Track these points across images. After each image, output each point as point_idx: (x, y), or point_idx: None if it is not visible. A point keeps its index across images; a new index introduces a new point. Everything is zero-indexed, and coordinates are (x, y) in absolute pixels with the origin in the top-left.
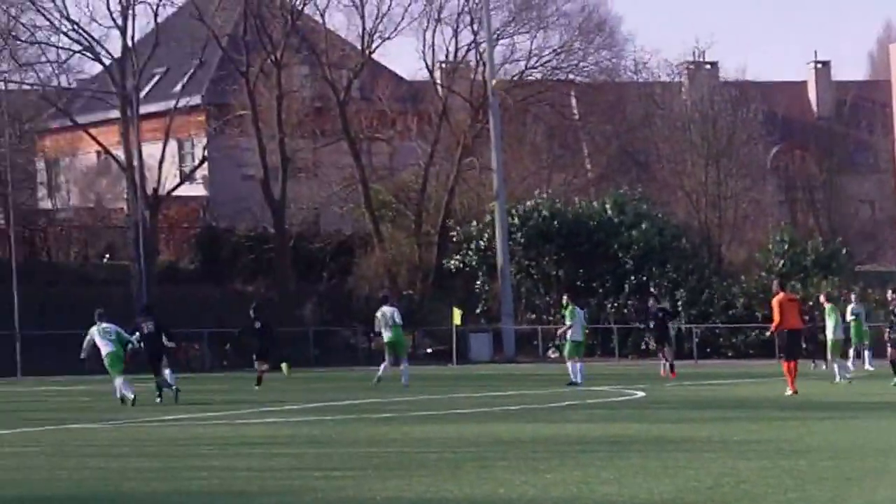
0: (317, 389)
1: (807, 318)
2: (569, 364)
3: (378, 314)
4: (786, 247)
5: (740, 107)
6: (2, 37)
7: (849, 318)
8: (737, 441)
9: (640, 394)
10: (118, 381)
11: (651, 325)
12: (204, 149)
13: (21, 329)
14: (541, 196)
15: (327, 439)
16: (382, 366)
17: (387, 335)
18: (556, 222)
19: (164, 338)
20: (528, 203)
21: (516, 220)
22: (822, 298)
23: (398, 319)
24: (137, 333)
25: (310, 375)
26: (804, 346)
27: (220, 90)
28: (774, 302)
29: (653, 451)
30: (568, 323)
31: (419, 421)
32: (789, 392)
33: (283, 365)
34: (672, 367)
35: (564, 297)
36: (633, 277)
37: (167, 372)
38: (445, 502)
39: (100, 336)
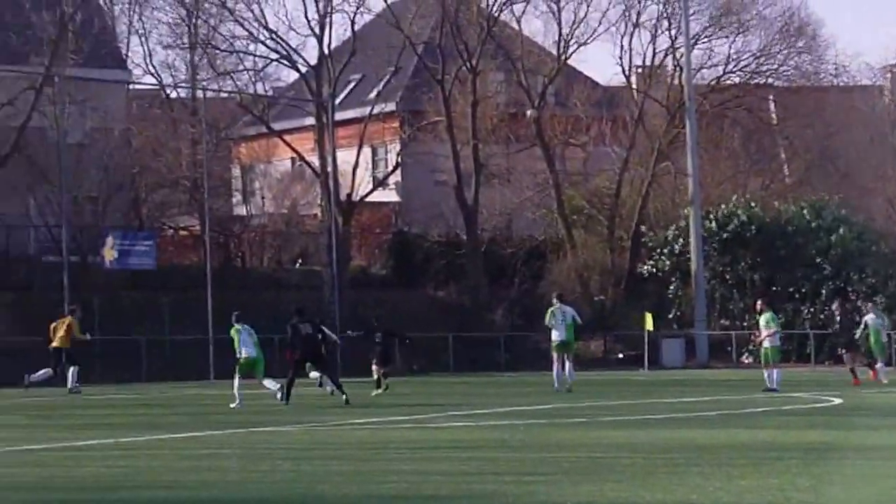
0: (506, 394)
1: None
2: (766, 371)
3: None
4: None
5: None
6: (200, 46)
7: None
8: None
9: (838, 400)
10: (268, 381)
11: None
12: (397, 155)
13: (214, 334)
14: (738, 201)
15: (518, 443)
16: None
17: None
18: (753, 227)
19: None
20: (724, 207)
21: (713, 225)
22: None
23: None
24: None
25: (500, 380)
26: None
27: (414, 97)
28: None
29: (850, 458)
30: (769, 329)
31: (610, 426)
32: None
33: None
34: (854, 373)
35: (759, 303)
36: (830, 283)
37: (314, 374)
38: None
39: (247, 335)
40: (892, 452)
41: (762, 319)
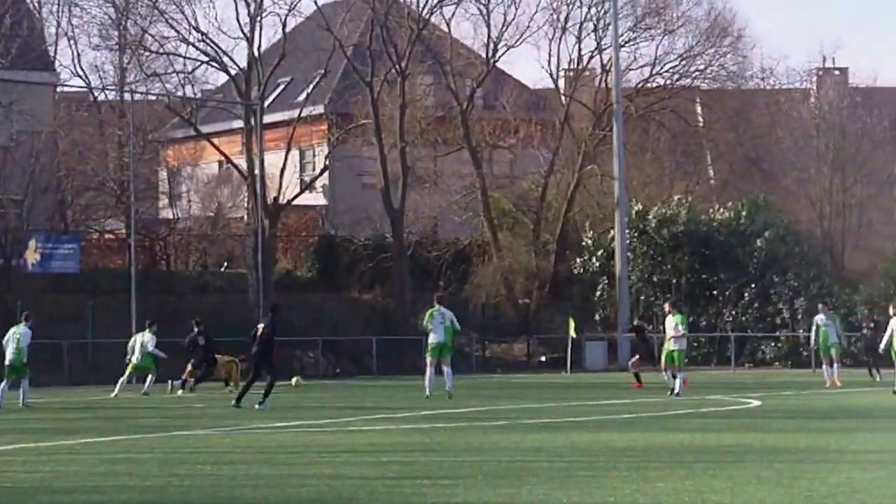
0: (429, 397)
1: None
2: (667, 372)
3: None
4: None
5: (868, 113)
6: (130, 48)
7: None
8: (854, 451)
9: (756, 403)
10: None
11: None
12: (325, 158)
13: None
14: (667, 203)
15: (437, 447)
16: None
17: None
18: (687, 230)
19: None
20: (656, 210)
21: (642, 227)
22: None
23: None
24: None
25: (424, 383)
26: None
27: (343, 100)
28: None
29: (766, 460)
30: (677, 331)
31: (530, 429)
32: None
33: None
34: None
35: (667, 305)
36: (753, 285)
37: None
38: None
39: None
40: (806, 454)
41: (671, 321)
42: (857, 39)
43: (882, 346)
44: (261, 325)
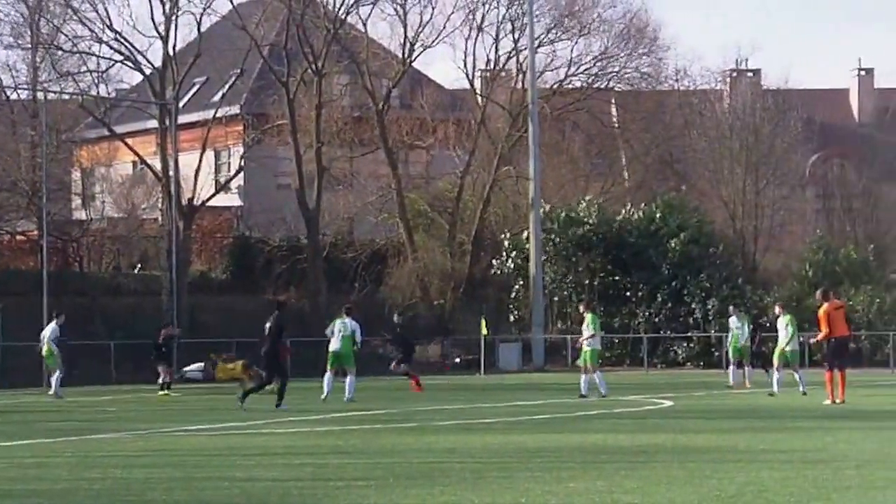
0: (343, 399)
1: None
2: (586, 376)
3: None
4: (818, 255)
5: (781, 115)
6: (43, 47)
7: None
8: (762, 450)
9: (668, 403)
10: None
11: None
12: (241, 159)
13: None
14: (580, 204)
15: (351, 449)
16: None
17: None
18: (599, 231)
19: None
20: (571, 211)
21: (562, 226)
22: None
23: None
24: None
25: (338, 385)
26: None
27: (259, 100)
28: (821, 312)
29: (677, 460)
30: (589, 331)
31: (444, 431)
32: (828, 402)
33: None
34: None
35: (582, 306)
36: (666, 286)
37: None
38: None
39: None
40: (716, 454)
41: (589, 321)
42: (770, 42)
43: (783, 345)
44: (267, 324)
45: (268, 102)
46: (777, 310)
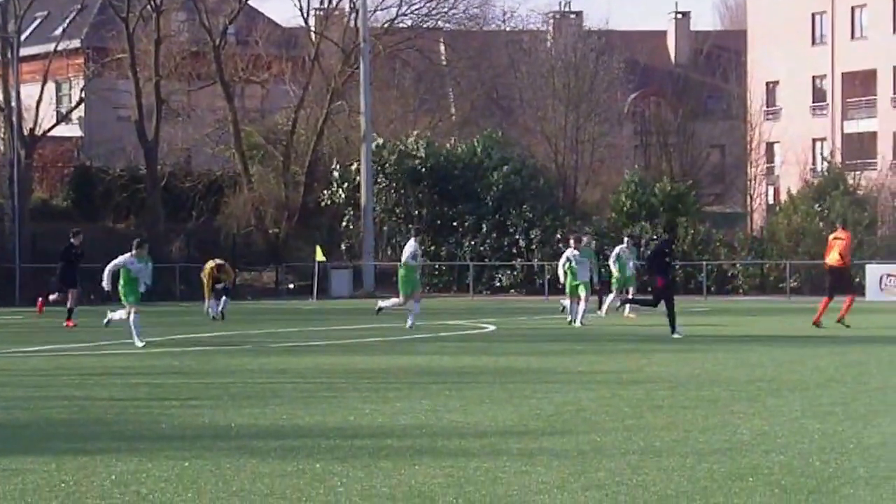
0: (180, 323)
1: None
2: (402, 300)
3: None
4: (634, 188)
5: (602, 55)
6: None
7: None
8: (580, 372)
9: (491, 328)
10: None
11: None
12: (81, 91)
13: None
14: (409, 138)
15: (187, 369)
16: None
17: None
18: (427, 164)
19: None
20: (399, 144)
21: (391, 159)
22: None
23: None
24: None
25: (175, 310)
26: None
27: (99, 34)
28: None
29: (499, 381)
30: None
31: (276, 353)
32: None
33: None
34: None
35: (412, 233)
36: (490, 217)
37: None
38: (297, 429)
39: None
40: (536, 376)
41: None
42: None
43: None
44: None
45: (108, 37)
46: (571, 241)
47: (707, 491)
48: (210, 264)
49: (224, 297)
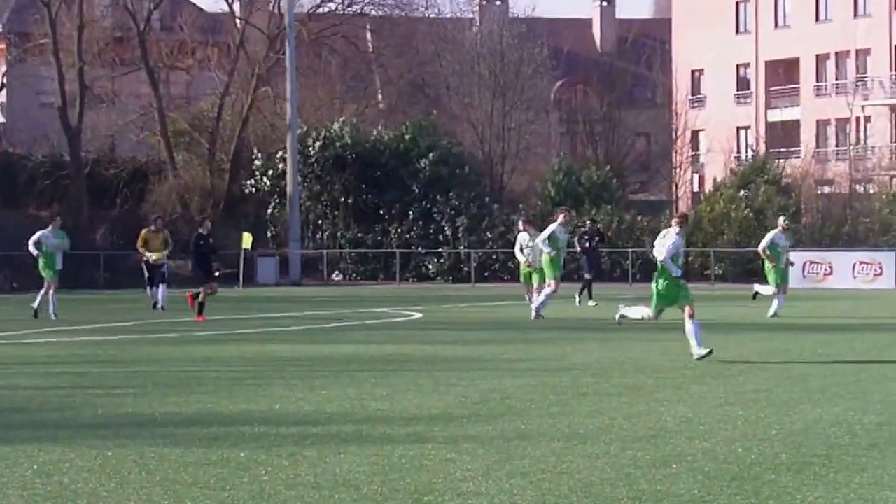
0: (103, 311)
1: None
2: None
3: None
4: (561, 176)
5: (528, 43)
6: None
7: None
8: (506, 359)
9: (418, 315)
10: None
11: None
12: (3, 76)
13: None
14: (335, 125)
15: (110, 358)
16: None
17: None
18: (353, 151)
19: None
20: (324, 131)
21: (315, 146)
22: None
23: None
24: None
25: (98, 297)
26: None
27: (21, 19)
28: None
29: (425, 369)
30: None
31: (201, 341)
32: None
33: None
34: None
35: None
36: (417, 205)
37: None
38: (222, 418)
39: None
40: (463, 363)
41: None
42: None
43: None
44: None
45: (30, 21)
46: (520, 224)
47: (631, 478)
48: (143, 232)
49: (163, 285)
